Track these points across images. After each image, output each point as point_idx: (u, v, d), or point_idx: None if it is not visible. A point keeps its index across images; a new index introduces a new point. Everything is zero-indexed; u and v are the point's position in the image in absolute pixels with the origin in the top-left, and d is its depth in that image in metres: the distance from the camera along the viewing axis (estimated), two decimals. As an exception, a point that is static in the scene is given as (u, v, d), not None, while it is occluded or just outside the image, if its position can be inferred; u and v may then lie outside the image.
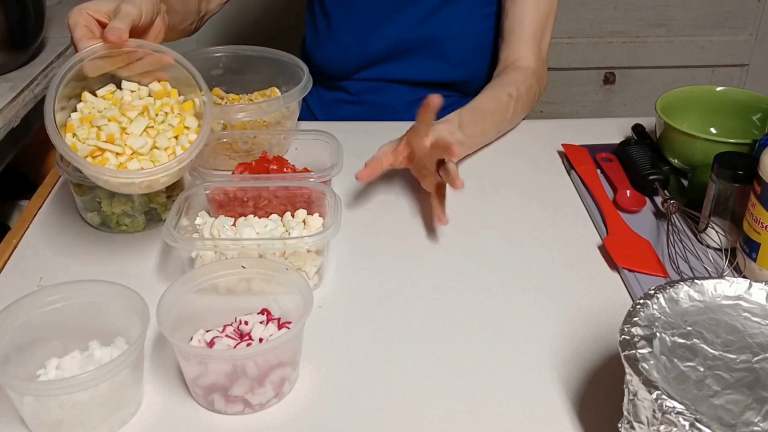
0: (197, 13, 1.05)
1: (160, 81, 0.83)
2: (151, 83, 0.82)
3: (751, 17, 2.09)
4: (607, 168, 1.02)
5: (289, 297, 0.72)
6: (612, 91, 2.18)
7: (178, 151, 0.78)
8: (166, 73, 0.83)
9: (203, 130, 0.79)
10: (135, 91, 0.82)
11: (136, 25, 0.79)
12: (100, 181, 0.77)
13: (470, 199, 0.97)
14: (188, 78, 0.82)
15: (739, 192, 0.83)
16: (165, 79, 0.83)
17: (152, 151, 0.78)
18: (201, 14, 1.07)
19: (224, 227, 0.81)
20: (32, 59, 1.22)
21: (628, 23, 2.08)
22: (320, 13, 1.25)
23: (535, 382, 0.71)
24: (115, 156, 0.76)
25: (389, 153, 0.93)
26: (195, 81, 0.82)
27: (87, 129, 0.77)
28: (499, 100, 1.06)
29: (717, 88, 1.06)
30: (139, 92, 0.82)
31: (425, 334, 0.77)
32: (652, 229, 0.92)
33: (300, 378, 0.71)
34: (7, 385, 0.62)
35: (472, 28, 1.20)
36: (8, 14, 1.13)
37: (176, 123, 0.80)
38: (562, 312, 0.79)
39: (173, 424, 0.67)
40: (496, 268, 0.86)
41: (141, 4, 0.79)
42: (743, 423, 0.53)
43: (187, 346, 0.68)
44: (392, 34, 1.20)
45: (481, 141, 1.06)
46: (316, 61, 1.25)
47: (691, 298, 0.64)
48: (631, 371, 0.56)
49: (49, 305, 0.70)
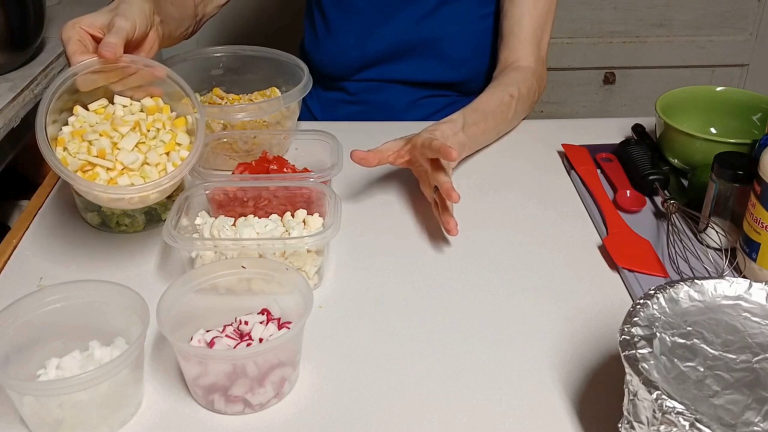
0: (194, 17, 1.05)
1: (153, 96, 0.83)
2: (143, 98, 0.82)
3: (751, 17, 2.09)
4: (607, 168, 1.02)
5: (289, 297, 0.72)
6: (612, 91, 2.18)
7: (169, 168, 0.79)
8: (158, 88, 0.83)
9: (195, 146, 0.79)
10: (127, 106, 0.82)
11: (129, 39, 0.79)
12: (90, 196, 0.77)
13: (470, 199, 0.97)
14: (181, 93, 0.82)
15: (739, 192, 0.83)
16: (157, 94, 0.83)
17: (143, 167, 0.78)
18: (198, 18, 1.06)
19: (224, 227, 0.81)
20: (32, 59, 1.22)
21: (628, 23, 2.08)
22: (318, 15, 1.25)
23: (535, 382, 0.71)
24: (105, 171, 0.76)
25: (393, 150, 0.92)
26: (188, 97, 0.81)
27: (78, 143, 0.77)
28: (500, 100, 1.06)
29: (717, 88, 1.06)
30: (131, 107, 0.82)
31: (425, 334, 0.77)
32: (652, 229, 0.92)
33: (300, 378, 0.71)
34: (7, 385, 0.62)
35: (470, 28, 1.20)
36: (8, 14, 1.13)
37: (168, 139, 0.80)
38: (562, 312, 0.79)
39: (173, 424, 0.67)
40: (496, 268, 0.86)
41: (134, 17, 0.79)
42: (743, 423, 0.53)
43: (187, 346, 0.68)
44: (390, 34, 1.20)
45: (482, 142, 1.06)
46: (315, 62, 1.25)
47: (691, 298, 0.64)
48: (631, 371, 0.56)
49: (49, 305, 0.70)
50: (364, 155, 0.90)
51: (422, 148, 0.89)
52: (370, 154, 0.90)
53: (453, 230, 0.87)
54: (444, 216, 0.88)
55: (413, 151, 0.92)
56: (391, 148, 0.92)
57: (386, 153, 0.92)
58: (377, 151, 0.91)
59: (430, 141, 0.87)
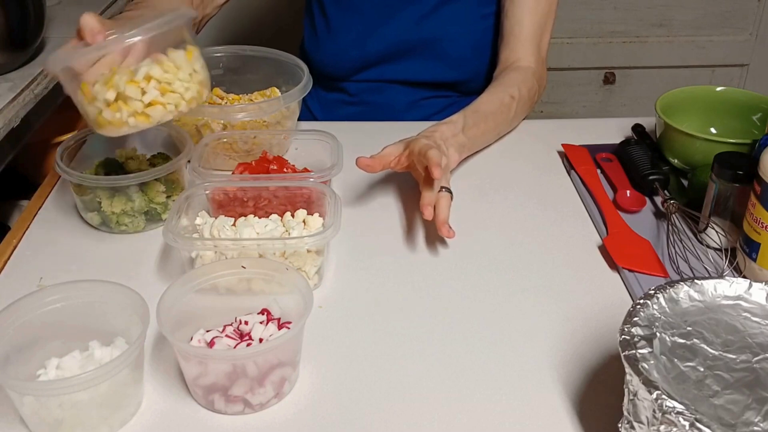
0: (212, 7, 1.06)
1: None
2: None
3: (751, 17, 2.09)
4: (607, 168, 1.02)
5: (289, 297, 0.72)
6: (612, 91, 2.18)
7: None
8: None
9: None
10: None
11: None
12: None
13: (470, 199, 0.97)
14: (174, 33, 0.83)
15: (739, 192, 0.83)
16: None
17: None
18: (198, 20, 1.07)
19: (224, 227, 0.81)
20: (32, 59, 1.22)
21: (628, 23, 2.08)
22: (319, 15, 1.24)
23: (535, 382, 0.71)
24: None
25: (394, 155, 0.92)
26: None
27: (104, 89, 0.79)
28: (501, 101, 1.06)
29: (717, 88, 1.06)
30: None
31: (425, 334, 0.77)
32: (652, 229, 0.92)
33: (300, 378, 0.71)
34: (7, 385, 0.62)
35: (470, 28, 1.20)
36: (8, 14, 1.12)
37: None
38: (562, 312, 0.79)
39: (173, 424, 0.67)
40: (496, 268, 0.86)
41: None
42: (743, 423, 0.53)
43: (187, 346, 0.68)
44: (391, 35, 1.20)
45: (482, 143, 1.06)
46: (315, 62, 1.25)
47: (691, 298, 0.64)
48: (631, 371, 0.56)
49: (49, 305, 0.70)
50: (370, 162, 0.90)
51: (419, 156, 0.89)
52: (374, 161, 0.90)
53: (447, 234, 0.87)
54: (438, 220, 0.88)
55: (411, 157, 0.92)
56: (392, 153, 0.92)
57: (388, 158, 0.92)
58: (380, 156, 0.91)
59: (426, 149, 0.87)
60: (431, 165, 0.84)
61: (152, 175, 0.89)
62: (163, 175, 0.90)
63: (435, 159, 0.84)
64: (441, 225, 0.86)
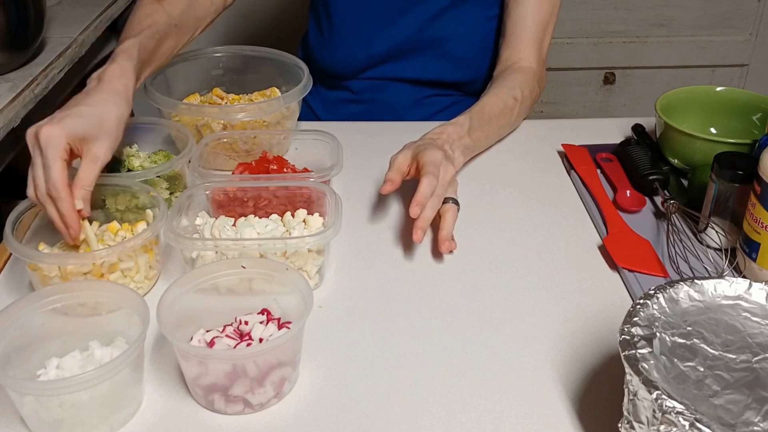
0: (194, 29, 1.05)
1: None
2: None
3: (751, 17, 2.09)
4: (607, 168, 1.02)
5: (289, 297, 0.72)
6: (612, 91, 2.18)
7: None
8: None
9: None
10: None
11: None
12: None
13: (470, 199, 0.97)
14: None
15: (739, 192, 0.83)
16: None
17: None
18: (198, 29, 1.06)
19: (225, 227, 0.81)
20: (32, 59, 1.22)
21: (628, 23, 2.08)
22: (324, 15, 1.24)
23: (535, 382, 0.71)
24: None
25: (404, 165, 0.91)
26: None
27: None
28: (505, 104, 1.06)
29: (717, 88, 1.06)
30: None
31: (425, 333, 0.77)
32: (652, 229, 0.92)
33: (300, 378, 0.71)
34: (7, 385, 0.62)
35: (476, 29, 1.20)
36: (8, 14, 1.12)
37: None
38: (562, 312, 0.79)
39: (173, 424, 0.67)
40: (496, 268, 0.86)
41: (113, 132, 0.82)
42: (743, 423, 0.53)
43: (187, 346, 0.68)
44: (397, 35, 1.20)
45: (484, 144, 1.06)
46: (319, 61, 1.25)
47: (691, 298, 0.64)
48: (631, 371, 0.56)
49: (49, 305, 0.70)
50: (392, 180, 0.89)
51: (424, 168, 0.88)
52: (395, 177, 0.89)
53: (446, 251, 0.87)
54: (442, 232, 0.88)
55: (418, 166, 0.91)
56: (404, 164, 0.91)
57: (403, 169, 0.90)
58: (395, 171, 0.90)
59: (433, 165, 0.87)
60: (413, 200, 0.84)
61: (155, 172, 0.90)
62: (166, 171, 0.91)
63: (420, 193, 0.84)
64: (443, 241, 0.86)
